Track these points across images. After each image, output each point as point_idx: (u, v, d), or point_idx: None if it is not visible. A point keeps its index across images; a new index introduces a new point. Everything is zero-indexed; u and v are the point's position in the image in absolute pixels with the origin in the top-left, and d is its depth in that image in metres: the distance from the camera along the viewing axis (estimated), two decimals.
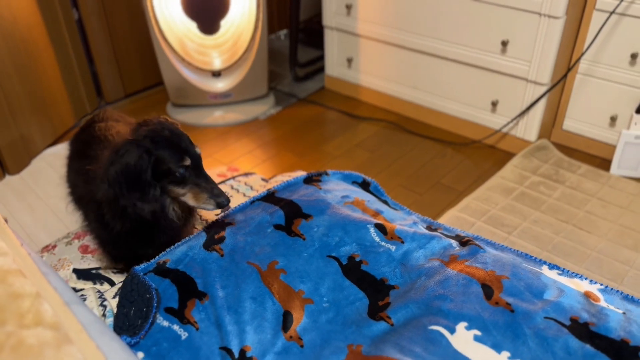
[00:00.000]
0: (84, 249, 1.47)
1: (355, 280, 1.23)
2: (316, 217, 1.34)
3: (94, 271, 1.38)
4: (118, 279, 1.37)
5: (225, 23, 2.28)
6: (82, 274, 1.37)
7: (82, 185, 1.33)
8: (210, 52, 2.33)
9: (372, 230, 1.31)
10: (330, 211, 1.36)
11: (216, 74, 2.39)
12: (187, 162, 1.16)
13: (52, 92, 2.24)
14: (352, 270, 1.25)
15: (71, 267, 1.40)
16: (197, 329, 1.14)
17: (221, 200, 1.18)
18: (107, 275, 1.37)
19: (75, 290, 1.30)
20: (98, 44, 2.44)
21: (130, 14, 2.49)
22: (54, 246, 1.51)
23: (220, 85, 2.41)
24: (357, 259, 1.27)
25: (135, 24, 2.52)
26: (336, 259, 1.26)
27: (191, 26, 2.25)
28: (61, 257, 1.46)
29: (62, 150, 2.21)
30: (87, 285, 1.34)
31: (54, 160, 2.15)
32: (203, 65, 2.34)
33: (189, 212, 1.32)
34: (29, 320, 0.73)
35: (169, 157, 1.15)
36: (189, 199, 1.20)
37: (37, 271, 0.86)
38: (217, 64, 2.36)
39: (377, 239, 1.30)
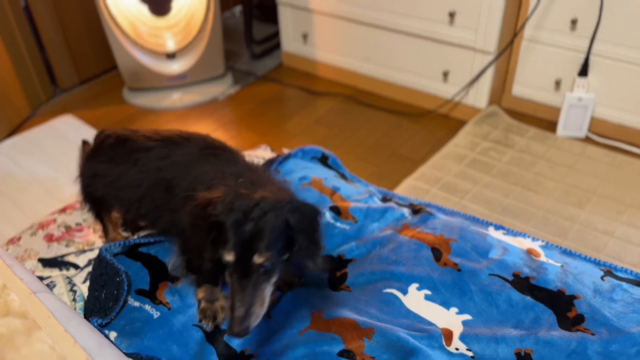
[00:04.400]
0: (49, 238, 1.49)
1: None
2: None
3: (59, 259, 1.41)
4: (83, 263, 1.39)
5: (177, 4, 2.27)
6: (48, 263, 1.39)
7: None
8: (163, 34, 2.32)
9: (327, 214, 1.38)
10: None
11: (171, 55, 2.38)
12: (230, 257, 0.97)
13: (4, 84, 2.20)
14: None
15: (37, 257, 1.42)
16: (169, 309, 1.18)
17: (237, 331, 0.95)
18: (72, 261, 1.40)
19: (42, 278, 1.32)
20: (48, 31, 2.40)
21: None
22: (19, 238, 1.53)
23: (176, 66, 2.41)
24: None
25: (84, 8, 2.48)
26: None
27: (142, 9, 2.23)
28: (27, 248, 1.48)
29: (19, 141, 2.20)
30: (53, 273, 1.36)
31: (11, 153, 2.13)
32: (157, 48, 2.33)
33: None
34: None
35: (227, 237, 0.97)
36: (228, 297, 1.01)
37: (1, 264, 0.89)
38: (171, 45, 2.35)
39: (332, 221, 1.37)
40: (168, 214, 1.24)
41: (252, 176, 1.16)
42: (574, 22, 1.95)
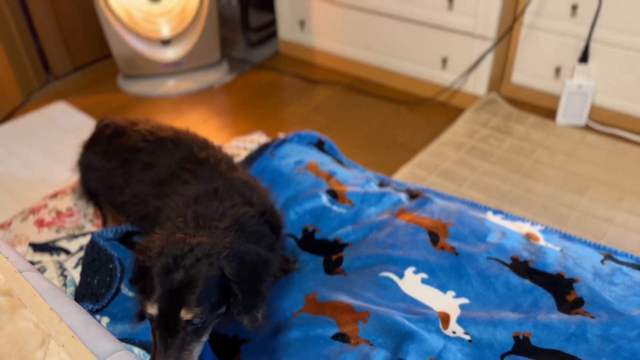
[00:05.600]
0: (40, 223, 1.47)
1: (309, 249, 1.29)
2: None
3: (51, 244, 1.38)
4: (74, 248, 1.37)
5: None
6: (39, 248, 1.37)
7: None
8: (158, 20, 2.29)
9: (324, 197, 1.36)
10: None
11: (166, 42, 2.35)
12: (154, 310, 0.85)
13: None
14: (307, 241, 1.30)
15: (28, 242, 1.39)
16: None
17: None
18: (64, 246, 1.37)
19: (33, 263, 1.30)
20: (41, 18, 2.36)
21: None
22: (9, 223, 1.50)
23: (171, 53, 2.38)
24: (310, 229, 1.32)
25: None
26: (291, 235, 1.31)
27: None
28: (18, 233, 1.45)
29: (12, 128, 2.17)
30: (44, 258, 1.34)
31: (4, 140, 2.10)
32: (151, 34, 2.30)
33: None
34: None
35: (153, 285, 0.86)
36: None
37: None
38: (166, 31, 2.32)
39: (328, 204, 1.35)
40: (147, 230, 1.20)
41: (209, 206, 1.04)
42: (574, 8, 1.92)
